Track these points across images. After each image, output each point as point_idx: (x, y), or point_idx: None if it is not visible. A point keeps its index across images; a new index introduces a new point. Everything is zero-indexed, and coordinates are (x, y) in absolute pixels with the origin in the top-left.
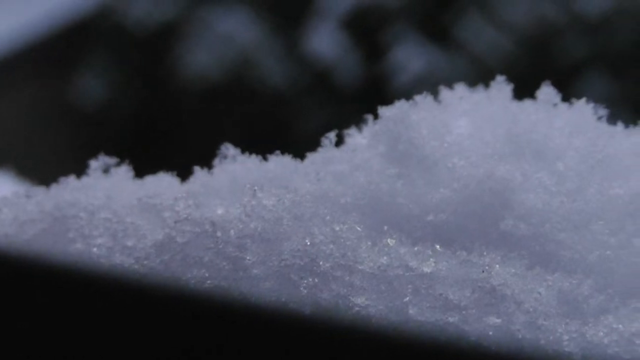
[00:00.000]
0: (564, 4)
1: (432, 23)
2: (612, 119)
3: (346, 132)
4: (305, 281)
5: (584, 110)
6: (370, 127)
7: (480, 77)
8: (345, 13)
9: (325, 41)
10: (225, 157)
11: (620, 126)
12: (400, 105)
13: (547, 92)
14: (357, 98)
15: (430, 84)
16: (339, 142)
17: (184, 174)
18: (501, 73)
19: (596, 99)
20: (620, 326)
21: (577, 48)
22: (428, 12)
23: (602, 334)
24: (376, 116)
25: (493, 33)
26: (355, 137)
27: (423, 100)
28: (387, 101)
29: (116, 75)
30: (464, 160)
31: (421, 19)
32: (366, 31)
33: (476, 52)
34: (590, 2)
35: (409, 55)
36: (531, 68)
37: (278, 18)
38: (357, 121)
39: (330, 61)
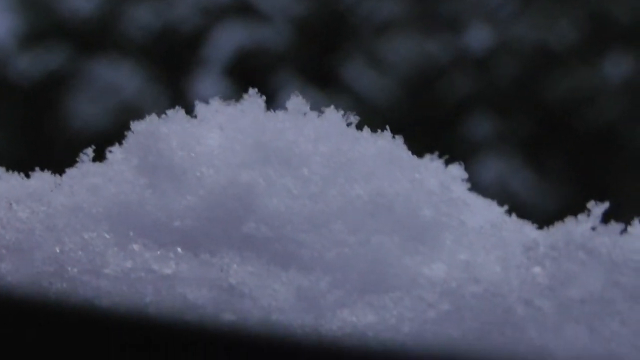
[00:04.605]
0: (448, 42)
1: (316, 67)
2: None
3: (108, 148)
4: (55, 287)
5: (332, 118)
6: (127, 141)
7: (365, 119)
8: (228, 60)
9: (210, 88)
10: None
11: (367, 131)
12: (150, 119)
13: (296, 101)
14: None
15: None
16: (101, 158)
17: None
18: (386, 114)
19: (482, 135)
20: (355, 319)
21: (461, 86)
22: (312, 57)
23: (336, 327)
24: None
25: (377, 75)
26: (115, 152)
27: (175, 114)
28: None
29: (1, 128)
30: (212, 169)
31: (305, 63)
32: (251, 77)
33: (361, 94)
34: (474, 39)
35: None
36: (417, 107)
37: (162, 68)
38: None
39: None
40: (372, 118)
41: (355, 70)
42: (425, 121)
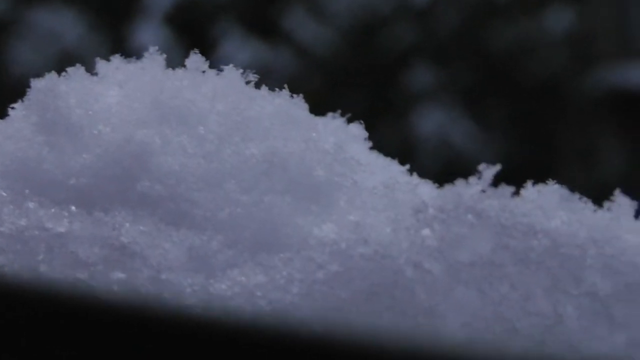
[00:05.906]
0: None
1: (257, 17)
2: (259, 84)
3: (11, 105)
4: None
5: (231, 76)
6: (27, 98)
7: (305, 68)
8: (170, 8)
9: (150, 37)
10: None
11: (265, 90)
12: (50, 77)
13: (195, 60)
14: None
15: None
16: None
17: None
18: (326, 63)
19: (424, 86)
20: (244, 279)
21: (403, 36)
22: (254, 6)
23: (225, 286)
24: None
25: (318, 25)
26: (17, 109)
27: (75, 71)
28: None
29: None
30: (109, 127)
31: (247, 12)
32: (191, 26)
33: (302, 44)
34: None
35: (235, 49)
36: (358, 58)
37: (103, 16)
38: None
39: None
40: (310, 66)
41: (296, 20)
42: (366, 71)
